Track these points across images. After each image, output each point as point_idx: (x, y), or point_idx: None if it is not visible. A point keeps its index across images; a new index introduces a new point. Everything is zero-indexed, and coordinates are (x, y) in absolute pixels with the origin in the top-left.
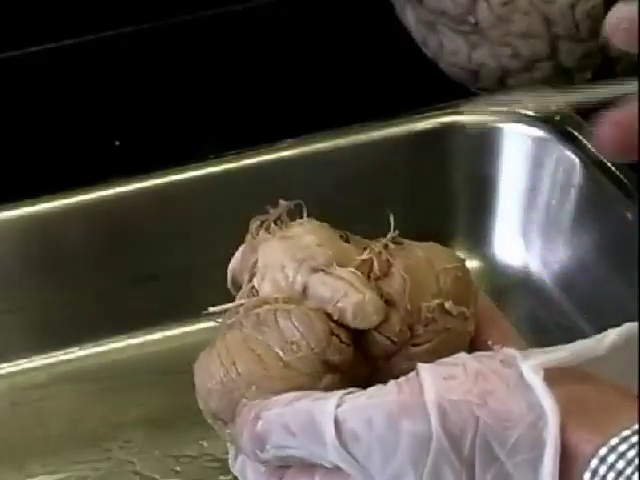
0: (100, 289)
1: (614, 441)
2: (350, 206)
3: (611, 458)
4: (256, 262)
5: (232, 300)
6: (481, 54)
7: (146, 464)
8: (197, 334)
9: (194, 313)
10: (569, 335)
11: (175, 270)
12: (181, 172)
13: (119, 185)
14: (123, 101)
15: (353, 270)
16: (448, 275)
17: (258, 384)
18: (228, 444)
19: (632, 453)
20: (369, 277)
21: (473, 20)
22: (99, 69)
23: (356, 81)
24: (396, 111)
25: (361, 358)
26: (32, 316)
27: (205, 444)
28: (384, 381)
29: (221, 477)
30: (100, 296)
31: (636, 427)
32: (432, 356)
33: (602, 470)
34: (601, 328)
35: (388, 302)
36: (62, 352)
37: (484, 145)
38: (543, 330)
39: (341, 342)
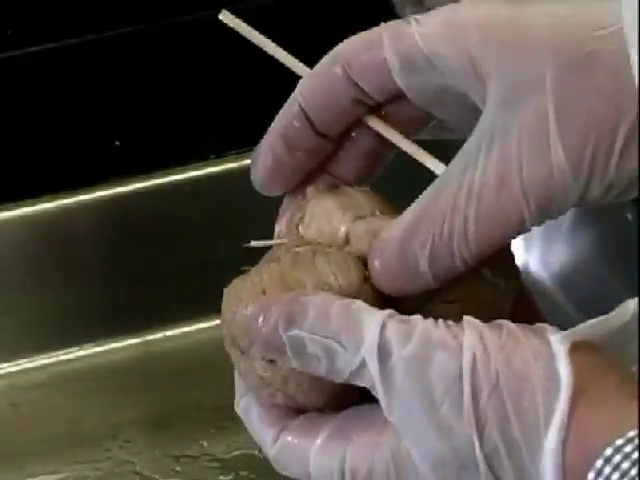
0: (100, 289)
1: (619, 441)
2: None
3: (616, 459)
4: (303, 215)
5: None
6: None
7: (146, 464)
8: (197, 334)
9: (194, 313)
10: None
11: (175, 270)
12: (181, 172)
13: (119, 185)
14: (123, 101)
15: (395, 216)
16: None
17: None
18: (236, 378)
19: (637, 455)
20: None
21: None
22: (99, 69)
23: None
24: None
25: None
26: (32, 316)
27: (205, 444)
28: None
29: (221, 477)
30: (100, 296)
31: None
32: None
33: (607, 470)
34: None
35: None
36: (62, 352)
37: None
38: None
39: (374, 291)
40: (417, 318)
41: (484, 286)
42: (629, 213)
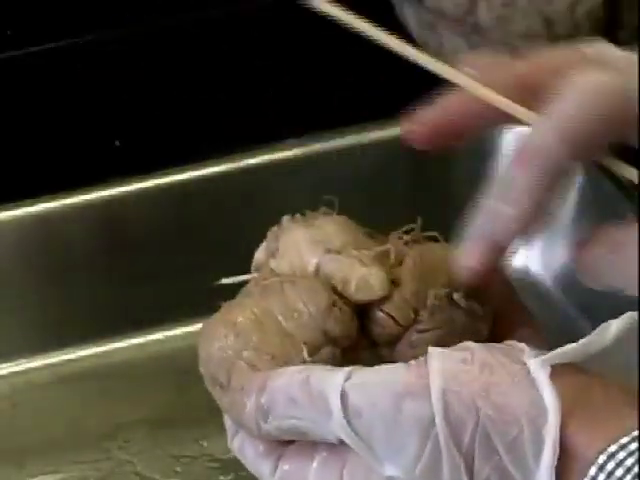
0: (100, 289)
1: (612, 448)
2: (350, 206)
3: (610, 466)
4: (277, 247)
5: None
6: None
7: (146, 464)
8: (197, 334)
9: (194, 313)
10: (569, 335)
11: (175, 270)
12: (181, 172)
13: (119, 185)
14: (123, 101)
15: (366, 252)
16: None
17: (256, 347)
18: (225, 419)
19: (630, 461)
20: (384, 266)
21: (473, 20)
22: (99, 69)
23: (356, 81)
24: (396, 111)
25: (364, 343)
26: (32, 316)
27: (205, 444)
28: None
29: (221, 477)
30: (100, 296)
31: (634, 434)
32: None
33: (601, 478)
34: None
35: (395, 282)
36: (62, 352)
37: (484, 145)
38: (543, 330)
39: (342, 315)
40: (377, 369)
41: (458, 312)
42: (629, 213)
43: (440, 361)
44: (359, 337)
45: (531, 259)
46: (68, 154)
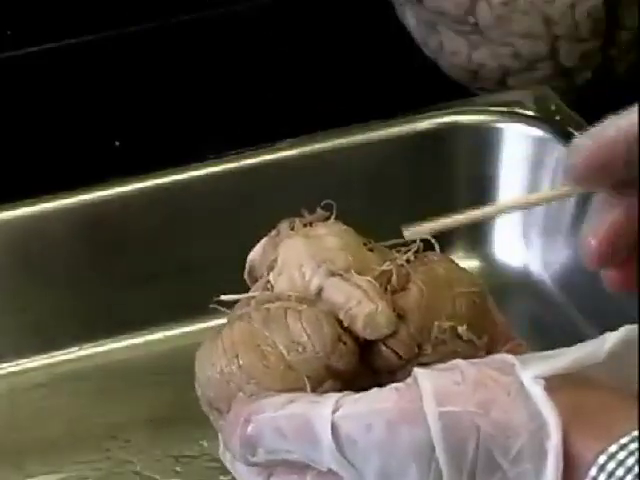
0: (100, 289)
1: (613, 448)
2: (350, 206)
3: (610, 466)
4: (276, 258)
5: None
6: (481, 54)
7: (146, 464)
8: (197, 334)
9: (194, 313)
10: (569, 335)
11: (175, 270)
12: (181, 172)
13: (119, 185)
14: (123, 101)
15: (370, 279)
16: (465, 299)
17: (258, 380)
18: (220, 436)
19: (631, 460)
20: (386, 289)
21: (473, 20)
22: (99, 69)
23: (356, 81)
24: (396, 111)
25: (365, 370)
26: (32, 316)
27: (205, 444)
28: None
29: (221, 477)
30: (100, 296)
31: (634, 434)
32: None
33: (602, 478)
34: (601, 328)
35: (400, 316)
36: (62, 352)
37: (484, 145)
38: (543, 330)
39: (347, 350)
40: (366, 396)
41: (460, 344)
42: None
43: (431, 382)
44: (360, 366)
45: (531, 259)
46: (68, 154)
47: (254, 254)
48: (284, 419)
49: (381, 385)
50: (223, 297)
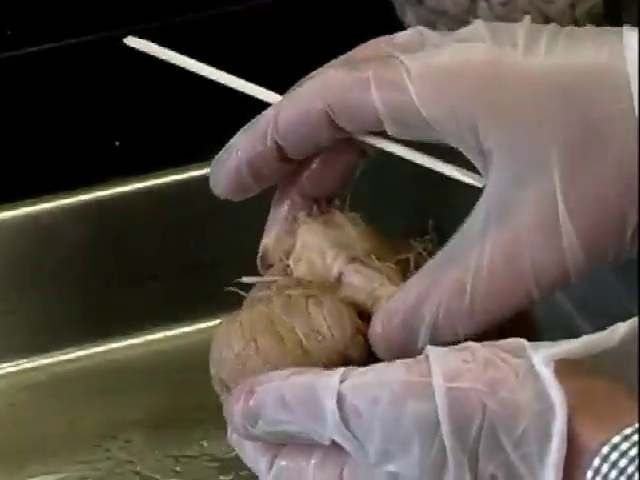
0: (100, 289)
1: (616, 439)
2: (349, 206)
3: (614, 456)
4: (294, 244)
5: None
6: None
7: (146, 464)
8: (197, 334)
9: (194, 313)
10: (569, 335)
11: (175, 270)
12: (181, 172)
13: (119, 185)
14: (123, 101)
15: (391, 264)
16: None
17: (273, 364)
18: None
19: (634, 451)
20: (405, 276)
21: (473, 20)
22: (99, 69)
23: None
24: None
25: (376, 360)
26: (32, 316)
27: (205, 444)
28: None
29: (221, 477)
30: (100, 296)
31: (637, 425)
32: None
33: (604, 468)
34: (601, 328)
35: None
36: (62, 352)
37: None
38: (543, 330)
39: (365, 341)
40: (374, 368)
41: None
42: None
43: (441, 359)
44: (371, 355)
45: None
46: (68, 154)
47: (268, 240)
48: (288, 388)
49: None
50: (244, 279)
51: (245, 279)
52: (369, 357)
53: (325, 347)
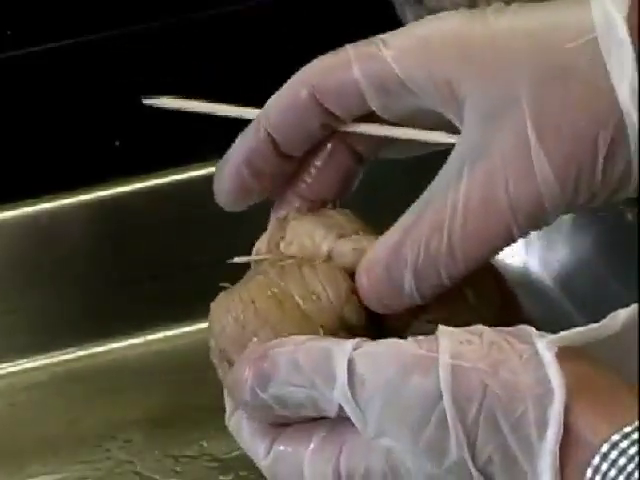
0: (100, 289)
1: (616, 437)
2: (349, 205)
3: (613, 454)
4: (284, 235)
5: None
6: None
7: (146, 464)
8: (197, 334)
9: (194, 313)
10: None
11: (175, 270)
12: (181, 172)
13: (119, 185)
14: (123, 101)
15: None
16: None
17: (273, 325)
18: (226, 396)
19: (634, 450)
20: None
21: None
22: (99, 69)
23: None
24: None
25: (375, 332)
26: (32, 316)
27: (205, 444)
28: None
29: (221, 477)
30: (100, 296)
31: (637, 423)
32: None
33: (604, 467)
34: None
35: None
36: (62, 352)
37: None
38: (543, 330)
39: (362, 304)
40: (387, 341)
41: (466, 309)
42: (629, 213)
43: (450, 338)
44: (370, 326)
45: (531, 259)
46: (68, 154)
47: (260, 242)
48: (303, 351)
49: None
50: (236, 259)
51: (237, 259)
52: (369, 324)
53: (321, 307)
